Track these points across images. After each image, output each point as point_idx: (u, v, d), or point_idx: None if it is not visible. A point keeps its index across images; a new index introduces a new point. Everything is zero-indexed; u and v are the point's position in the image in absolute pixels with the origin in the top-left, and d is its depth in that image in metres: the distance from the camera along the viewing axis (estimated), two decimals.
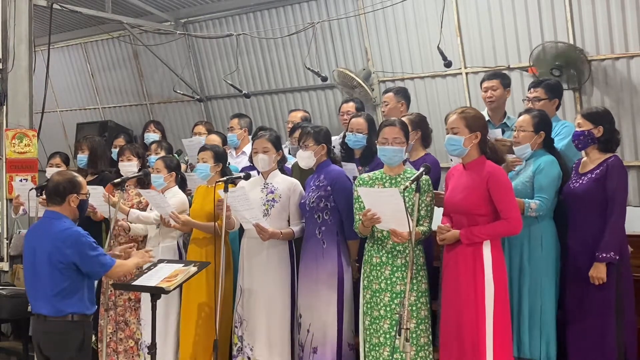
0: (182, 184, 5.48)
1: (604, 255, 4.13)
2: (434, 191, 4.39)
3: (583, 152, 4.41)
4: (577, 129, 4.35)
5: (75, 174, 4.33)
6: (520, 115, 4.58)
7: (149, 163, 5.89)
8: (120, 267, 4.24)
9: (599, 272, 4.15)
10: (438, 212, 4.36)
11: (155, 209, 5.14)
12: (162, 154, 5.87)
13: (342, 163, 4.90)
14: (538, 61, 5.96)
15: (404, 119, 4.70)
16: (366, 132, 4.97)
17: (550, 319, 4.29)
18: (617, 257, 4.13)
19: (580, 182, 4.32)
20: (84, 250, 4.06)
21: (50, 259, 4.05)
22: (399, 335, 3.66)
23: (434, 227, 4.28)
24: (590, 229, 4.23)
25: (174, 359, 5.12)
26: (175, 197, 5.24)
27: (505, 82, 5.34)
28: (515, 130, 4.51)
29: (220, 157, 5.16)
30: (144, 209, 5.37)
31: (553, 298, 4.31)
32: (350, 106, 6.08)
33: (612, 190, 4.18)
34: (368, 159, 4.93)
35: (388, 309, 4.22)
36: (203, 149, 5.24)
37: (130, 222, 5.34)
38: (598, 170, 4.26)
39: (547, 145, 4.46)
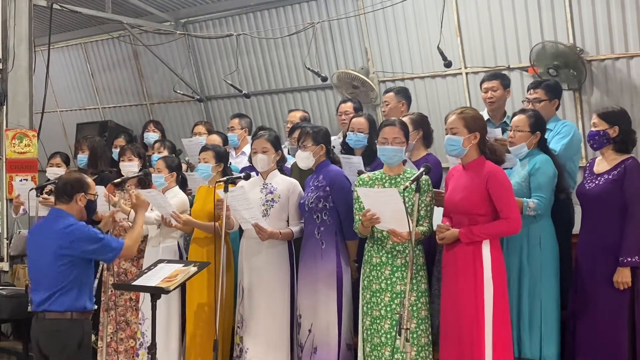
0: (182, 184, 5.47)
1: (628, 259, 4.08)
2: (435, 190, 4.38)
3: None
4: (593, 129, 4.29)
5: (85, 175, 4.42)
6: (514, 115, 4.56)
7: (152, 162, 5.89)
8: (130, 238, 4.31)
9: (624, 277, 4.10)
10: (439, 211, 4.35)
11: (156, 209, 5.14)
12: (165, 152, 5.88)
13: (347, 157, 4.89)
14: (537, 59, 5.95)
15: (405, 118, 4.70)
16: (367, 132, 4.97)
17: (551, 318, 4.27)
18: None
19: (597, 182, 4.27)
20: (91, 241, 4.12)
21: (55, 255, 4.08)
22: (400, 335, 3.67)
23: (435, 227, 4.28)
24: (605, 230, 4.19)
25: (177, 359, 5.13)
26: (176, 197, 5.24)
27: (505, 83, 5.33)
28: (511, 130, 4.50)
29: (221, 157, 5.16)
30: None
31: (554, 298, 4.30)
32: (348, 106, 6.07)
33: (631, 193, 4.12)
34: (369, 158, 4.93)
35: (388, 309, 4.21)
36: (204, 149, 5.24)
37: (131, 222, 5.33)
38: (615, 172, 4.20)
39: (541, 145, 4.44)
